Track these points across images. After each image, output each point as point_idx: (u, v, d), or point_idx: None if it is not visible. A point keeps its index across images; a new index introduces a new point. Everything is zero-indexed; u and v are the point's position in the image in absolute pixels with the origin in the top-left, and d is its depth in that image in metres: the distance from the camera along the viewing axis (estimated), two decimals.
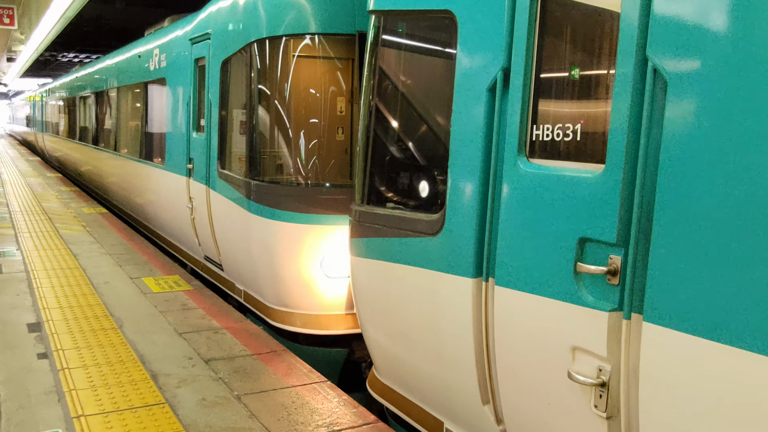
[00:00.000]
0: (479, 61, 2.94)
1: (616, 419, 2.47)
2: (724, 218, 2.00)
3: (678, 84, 2.12)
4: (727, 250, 2.00)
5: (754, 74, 1.91)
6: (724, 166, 2.00)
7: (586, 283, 2.50)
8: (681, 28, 2.10)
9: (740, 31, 1.94)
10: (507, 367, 2.96)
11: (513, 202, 2.80)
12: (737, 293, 1.97)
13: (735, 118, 1.96)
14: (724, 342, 2.02)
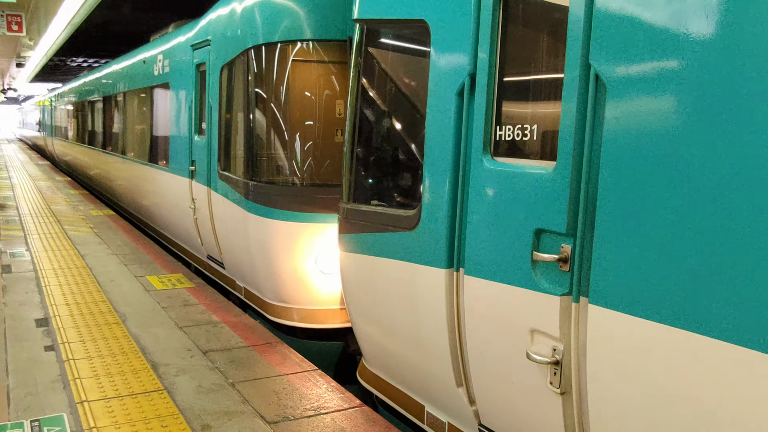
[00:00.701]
0: (449, 67, 3.20)
1: (569, 394, 2.71)
2: (657, 210, 2.24)
3: (615, 88, 2.36)
4: (659, 239, 2.24)
5: (677, 80, 2.15)
6: (656, 162, 2.24)
7: (542, 271, 2.75)
8: (617, 39, 2.34)
9: (665, 42, 2.18)
10: (476, 350, 3.20)
11: (479, 197, 3.05)
12: (668, 277, 2.20)
13: (662, 117, 2.21)
14: (659, 321, 2.26)
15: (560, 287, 2.66)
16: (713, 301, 2.06)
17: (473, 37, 3.03)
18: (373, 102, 4.07)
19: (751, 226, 1.95)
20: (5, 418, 3.77)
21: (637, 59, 2.28)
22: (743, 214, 1.97)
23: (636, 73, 2.28)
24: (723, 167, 2.03)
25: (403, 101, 3.96)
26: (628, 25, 2.30)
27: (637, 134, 2.29)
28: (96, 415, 3.82)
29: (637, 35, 2.27)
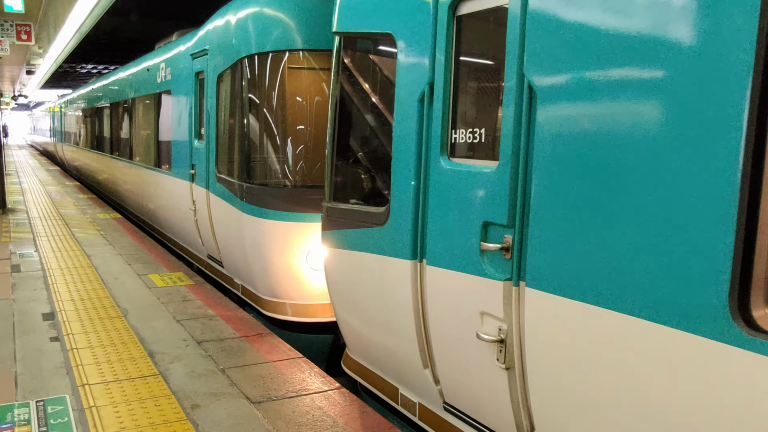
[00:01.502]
0: (411, 76, 3.55)
1: (513, 369, 3.04)
2: (579, 203, 2.58)
3: (543, 96, 2.71)
4: (582, 229, 2.58)
5: (591, 90, 2.49)
6: (576, 161, 2.58)
7: (489, 259, 3.09)
8: (545, 55, 2.69)
9: (581, 57, 2.53)
10: (438, 334, 3.55)
11: (437, 194, 3.40)
12: (590, 262, 2.54)
13: (581, 121, 2.55)
14: (583, 301, 2.59)
15: (503, 273, 3.00)
16: (628, 283, 2.39)
17: (431, 49, 3.39)
18: (349, 108, 4.43)
19: (654, 217, 2.29)
20: (12, 399, 4.15)
21: (559, 71, 2.62)
22: (648, 207, 2.31)
23: (559, 83, 2.63)
24: (629, 165, 2.36)
25: (375, 107, 4.32)
26: (553, 43, 2.65)
27: (560, 136, 2.63)
28: (96, 395, 4.19)
29: (560, 51, 2.62)
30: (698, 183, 2.12)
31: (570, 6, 2.56)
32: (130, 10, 16.68)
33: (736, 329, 2.03)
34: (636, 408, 2.41)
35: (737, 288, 2.03)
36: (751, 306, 2.04)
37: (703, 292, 2.12)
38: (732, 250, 2.03)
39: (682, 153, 2.16)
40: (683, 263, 2.17)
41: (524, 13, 2.77)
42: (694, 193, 2.13)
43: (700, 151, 2.11)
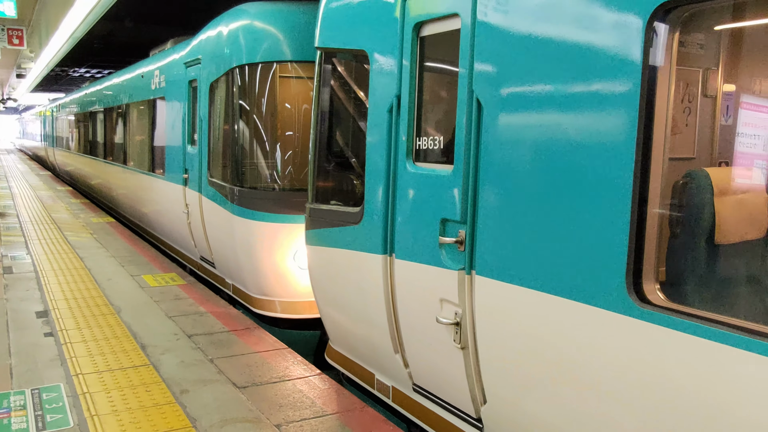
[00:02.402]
0: (382, 89, 4.08)
1: (467, 349, 3.55)
2: (515, 202, 3.10)
3: (487, 109, 3.23)
4: (518, 224, 3.09)
5: (523, 105, 3.02)
6: (513, 164, 3.10)
7: (446, 251, 3.61)
8: (488, 73, 3.22)
9: (511, 78, 3.06)
10: (406, 320, 4.06)
11: (404, 195, 3.92)
12: (526, 252, 3.05)
13: (516, 132, 3.07)
14: (522, 285, 3.11)
15: (458, 263, 3.52)
16: (554, 270, 2.91)
17: (398, 66, 3.92)
18: (329, 116, 4.97)
19: (573, 215, 2.81)
20: (8, 388, 4.62)
21: (499, 89, 3.15)
22: (569, 207, 2.82)
23: (499, 98, 3.16)
24: (551, 172, 2.89)
25: (352, 116, 4.85)
26: (494, 64, 3.18)
27: (500, 144, 3.16)
28: (89, 383, 4.69)
29: (499, 72, 3.15)
30: (604, 190, 2.64)
31: (506, 36, 3.10)
32: (124, 15, 17.23)
33: (632, 303, 2.54)
34: (564, 376, 2.92)
35: (632, 271, 2.55)
36: (643, 284, 2.55)
37: (609, 275, 2.63)
38: (627, 243, 2.54)
39: (592, 168, 2.68)
40: (594, 253, 2.69)
41: (472, 37, 3.31)
42: (601, 198, 2.65)
43: (605, 169, 2.63)
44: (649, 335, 2.49)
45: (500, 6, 3.14)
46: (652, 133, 2.51)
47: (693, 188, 2.74)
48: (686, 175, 2.78)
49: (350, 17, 4.50)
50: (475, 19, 3.30)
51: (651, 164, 2.51)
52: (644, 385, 2.52)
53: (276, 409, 4.26)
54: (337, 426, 4.05)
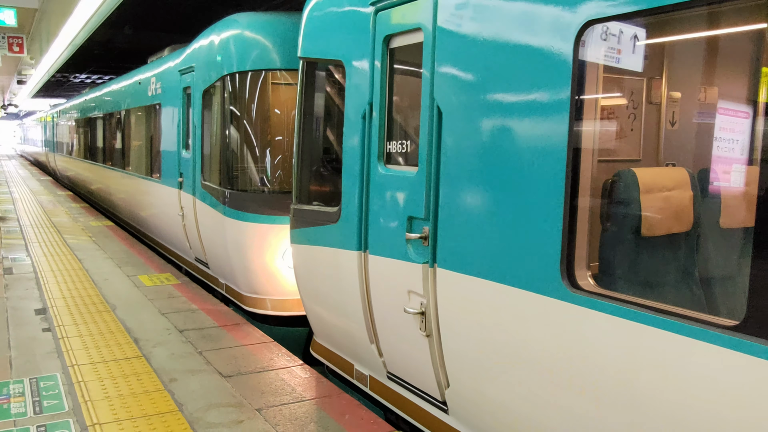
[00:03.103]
0: (357, 97, 4.42)
1: (432, 336, 3.87)
2: (468, 200, 3.42)
3: (446, 115, 3.56)
4: (472, 221, 3.41)
5: (474, 114, 3.35)
6: (466, 167, 3.42)
7: (413, 246, 3.93)
8: (446, 84, 3.55)
9: (465, 89, 3.39)
10: (379, 311, 4.38)
11: (375, 195, 4.25)
12: (478, 246, 3.37)
13: (469, 137, 3.40)
14: (477, 276, 3.43)
15: (423, 257, 3.84)
16: (502, 261, 3.22)
17: (371, 74, 4.25)
18: (311, 122, 5.30)
19: (516, 213, 3.13)
20: (8, 377, 4.94)
21: (455, 98, 3.49)
22: (513, 206, 3.15)
23: (455, 106, 3.49)
24: (498, 174, 3.21)
25: (331, 122, 5.19)
26: (450, 75, 3.51)
27: (455, 148, 3.49)
28: (84, 373, 5.01)
29: (455, 82, 3.48)
30: (541, 189, 2.96)
31: (460, 49, 3.43)
32: (123, 22, 17.61)
33: (565, 289, 2.86)
34: (513, 358, 3.23)
35: (566, 260, 2.87)
36: (575, 272, 2.87)
37: (546, 264, 2.95)
38: (560, 236, 2.86)
39: (531, 170, 3.01)
40: (533, 245, 3.01)
41: (433, 49, 3.64)
42: (538, 196, 2.98)
43: (541, 170, 2.95)
44: (581, 318, 2.81)
45: (455, 22, 3.48)
46: (581, 137, 2.83)
47: (621, 186, 3.06)
48: (615, 174, 3.10)
49: (329, 30, 4.84)
50: (435, 33, 3.63)
51: (581, 165, 2.83)
52: (578, 363, 2.84)
53: (258, 396, 4.58)
54: (313, 410, 4.37)
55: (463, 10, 3.43)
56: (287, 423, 4.16)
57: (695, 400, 2.37)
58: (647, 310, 2.54)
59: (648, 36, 3.61)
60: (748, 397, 2.19)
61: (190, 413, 4.26)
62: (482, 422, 3.62)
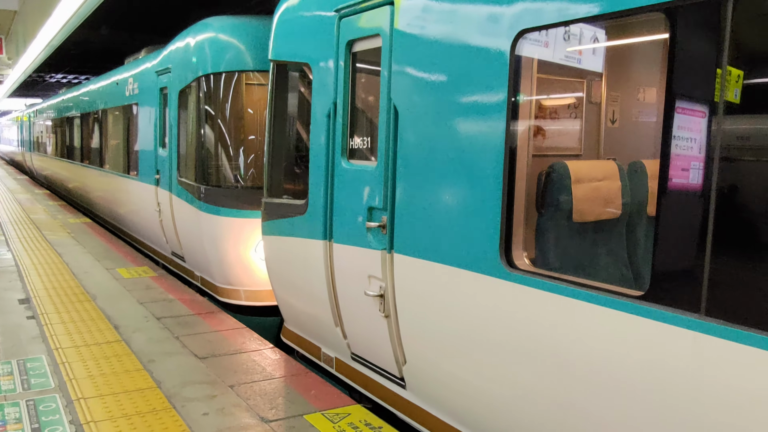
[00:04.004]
0: (322, 97, 4.67)
1: (390, 317, 4.15)
2: (420, 191, 3.70)
3: (402, 113, 3.84)
4: (423, 209, 3.69)
5: (424, 113, 3.63)
6: (415, 162, 3.70)
7: (372, 234, 4.20)
8: (400, 86, 3.82)
9: (417, 91, 3.66)
10: (343, 296, 4.64)
11: (339, 188, 4.51)
12: (429, 232, 3.65)
13: (419, 134, 3.68)
14: (427, 259, 3.70)
15: (381, 244, 4.11)
16: (449, 245, 3.51)
17: (335, 76, 4.51)
18: (281, 121, 5.55)
19: (460, 202, 3.41)
20: None
21: (408, 98, 3.76)
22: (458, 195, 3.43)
23: (408, 105, 3.77)
24: (445, 166, 3.49)
25: (299, 120, 5.44)
26: (404, 77, 3.79)
27: (408, 143, 3.77)
28: (67, 355, 5.20)
29: (408, 84, 3.76)
30: (482, 180, 3.25)
31: (413, 54, 3.71)
32: (100, 23, 17.60)
33: (503, 268, 3.16)
34: (461, 333, 3.52)
35: (504, 243, 3.16)
36: (512, 253, 3.17)
37: (487, 247, 3.24)
38: (499, 221, 3.15)
39: (474, 163, 3.30)
40: (476, 229, 3.30)
41: (390, 53, 3.91)
42: (480, 186, 3.26)
43: (482, 163, 3.24)
44: (518, 294, 3.11)
45: (409, 30, 3.75)
46: (517, 134, 3.12)
47: (554, 177, 3.37)
48: (549, 167, 3.41)
49: (297, 34, 5.09)
50: (392, 39, 3.90)
51: (517, 159, 3.12)
52: (517, 335, 3.13)
53: (231, 374, 4.82)
54: (282, 386, 4.62)
55: (417, 20, 3.71)
56: (257, 397, 4.40)
57: (613, 360, 2.67)
58: (573, 285, 2.84)
59: (585, 42, 3.93)
60: (650, 353, 2.50)
61: (167, 389, 4.48)
62: (435, 395, 3.91)
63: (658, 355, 2.46)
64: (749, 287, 2.25)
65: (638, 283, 3.72)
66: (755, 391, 2.17)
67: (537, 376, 3.06)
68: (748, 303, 2.23)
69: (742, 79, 2.27)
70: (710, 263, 2.28)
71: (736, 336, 2.21)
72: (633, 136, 4.79)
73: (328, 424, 4.07)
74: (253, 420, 4.08)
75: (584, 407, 2.83)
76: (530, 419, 3.17)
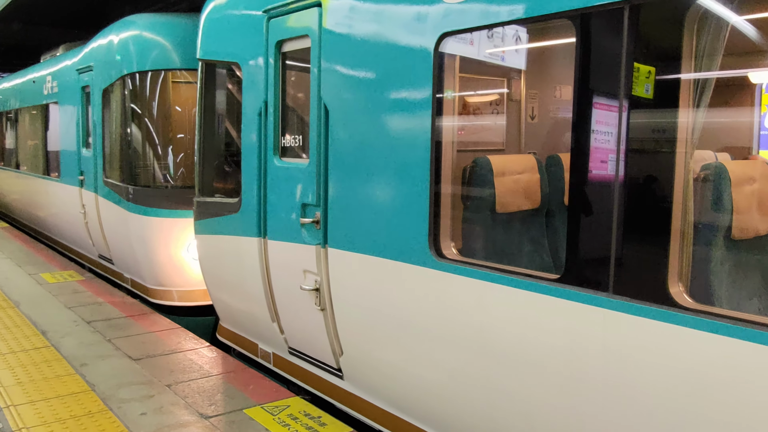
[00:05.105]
0: (253, 96, 4.72)
1: (326, 310, 4.26)
2: (350, 186, 3.83)
3: (332, 112, 3.95)
4: (354, 204, 3.82)
5: (353, 112, 3.76)
6: (351, 158, 3.83)
7: (307, 230, 4.30)
8: (330, 85, 3.94)
9: (345, 90, 3.79)
10: (279, 291, 4.72)
11: (272, 185, 4.58)
12: (360, 226, 3.78)
13: (348, 132, 3.81)
14: (360, 252, 3.84)
15: (315, 239, 4.22)
16: (380, 238, 3.65)
17: (265, 76, 4.58)
18: (211, 120, 5.55)
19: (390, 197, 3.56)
20: None
21: (338, 97, 3.88)
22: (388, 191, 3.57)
23: (338, 104, 3.89)
24: (374, 163, 3.64)
25: (230, 119, 5.46)
26: (333, 77, 3.91)
27: (338, 141, 3.89)
28: None
29: (336, 83, 3.88)
30: (411, 175, 3.41)
31: (341, 54, 3.83)
32: (13, 18, 16.77)
33: (432, 258, 3.33)
34: (395, 322, 3.67)
35: (432, 234, 3.34)
36: (440, 243, 3.35)
37: (417, 238, 3.41)
38: (427, 213, 3.32)
39: (402, 159, 3.45)
40: (406, 222, 3.46)
41: (319, 53, 4.02)
42: (409, 181, 3.42)
43: (410, 159, 3.40)
44: (447, 281, 3.29)
45: (338, 31, 3.87)
46: (442, 130, 3.30)
47: (477, 171, 3.57)
48: (473, 161, 3.61)
49: (226, 33, 5.11)
50: (320, 39, 4.01)
51: (443, 154, 3.30)
52: (446, 321, 3.31)
53: (167, 374, 4.81)
54: (220, 383, 4.66)
55: (345, 20, 3.83)
56: (195, 395, 4.43)
57: (533, 340, 2.89)
58: (496, 272, 3.04)
59: (505, 44, 4.16)
60: (567, 331, 2.73)
61: (102, 392, 4.44)
62: (372, 383, 4.06)
63: (573, 332, 2.69)
64: (651, 268, 2.50)
65: (557, 268, 3.98)
66: (657, 360, 2.42)
67: (465, 359, 3.26)
68: (650, 282, 2.48)
69: (653, 75, 2.51)
70: (616, 247, 2.52)
71: (638, 311, 2.45)
72: (551, 131, 5.08)
73: (268, 416, 4.15)
74: (192, 417, 4.11)
75: (508, 386, 3.04)
76: (461, 401, 3.36)
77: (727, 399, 2.24)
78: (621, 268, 2.53)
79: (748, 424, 2.20)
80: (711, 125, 2.82)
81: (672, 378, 2.38)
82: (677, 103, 2.45)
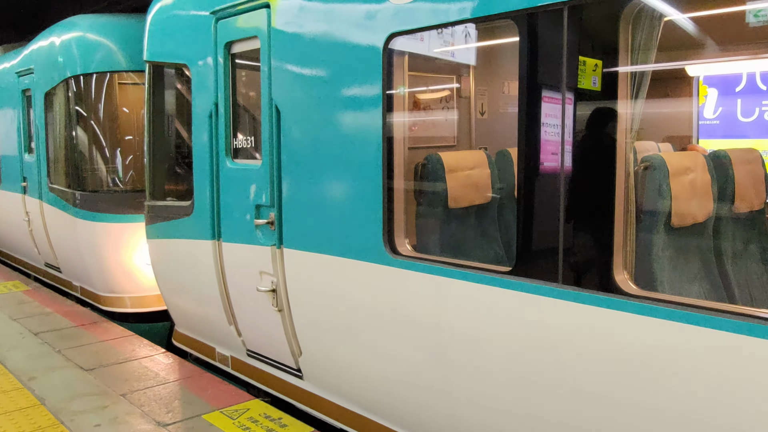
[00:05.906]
0: (203, 98, 4.68)
1: (284, 311, 4.26)
2: (302, 187, 3.84)
3: (284, 113, 3.96)
4: (308, 204, 3.84)
5: (304, 112, 3.77)
6: (304, 158, 3.84)
7: (261, 231, 4.29)
8: (281, 86, 3.94)
9: (296, 91, 3.80)
10: (235, 294, 4.69)
11: (225, 187, 4.55)
12: (315, 226, 3.80)
13: (300, 132, 3.82)
14: (315, 251, 3.85)
15: (270, 240, 4.22)
16: (335, 237, 3.68)
17: (215, 77, 4.54)
18: (160, 122, 5.48)
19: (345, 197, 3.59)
20: None
21: (289, 96, 3.89)
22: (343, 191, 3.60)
23: (289, 105, 3.90)
24: (328, 163, 3.66)
25: (179, 121, 5.40)
26: (283, 79, 3.91)
27: (293, 140, 3.90)
28: None
29: (287, 85, 3.89)
30: (364, 174, 3.44)
31: (291, 54, 3.84)
32: None
33: (387, 255, 3.38)
34: (352, 320, 3.71)
35: (387, 232, 3.38)
36: (395, 240, 3.39)
37: (372, 236, 3.45)
38: (382, 212, 3.36)
39: (355, 158, 3.49)
40: (361, 221, 3.50)
41: (269, 54, 4.01)
42: (362, 180, 3.46)
43: (363, 158, 3.44)
44: (401, 278, 3.34)
45: (287, 32, 3.88)
46: (394, 128, 3.34)
47: (429, 168, 3.64)
48: (425, 158, 3.67)
49: (172, 35, 5.05)
50: (270, 40, 4.01)
51: (395, 152, 3.34)
52: (401, 317, 3.36)
53: (122, 383, 4.73)
54: (177, 389, 4.61)
55: (294, 20, 3.84)
56: (152, 403, 4.37)
57: (487, 331, 2.96)
58: (449, 266, 3.11)
59: (453, 43, 4.23)
60: (519, 321, 2.81)
61: (53, 405, 4.34)
62: (332, 382, 4.08)
63: (525, 323, 2.77)
64: (597, 257, 2.60)
65: (509, 261, 4.09)
66: (607, 347, 2.52)
67: (421, 353, 3.31)
68: (597, 271, 2.58)
69: (600, 68, 2.61)
70: (564, 238, 2.61)
71: (586, 299, 2.55)
72: (500, 127, 5.20)
73: (227, 421, 4.13)
74: (149, 426, 4.06)
75: (466, 379, 3.11)
76: (420, 396, 3.42)
77: (673, 379, 2.35)
78: (569, 258, 2.62)
79: (690, 400, 2.32)
80: (654, 117, 2.94)
81: (621, 363, 2.48)
82: (617, 95, 2.56)
